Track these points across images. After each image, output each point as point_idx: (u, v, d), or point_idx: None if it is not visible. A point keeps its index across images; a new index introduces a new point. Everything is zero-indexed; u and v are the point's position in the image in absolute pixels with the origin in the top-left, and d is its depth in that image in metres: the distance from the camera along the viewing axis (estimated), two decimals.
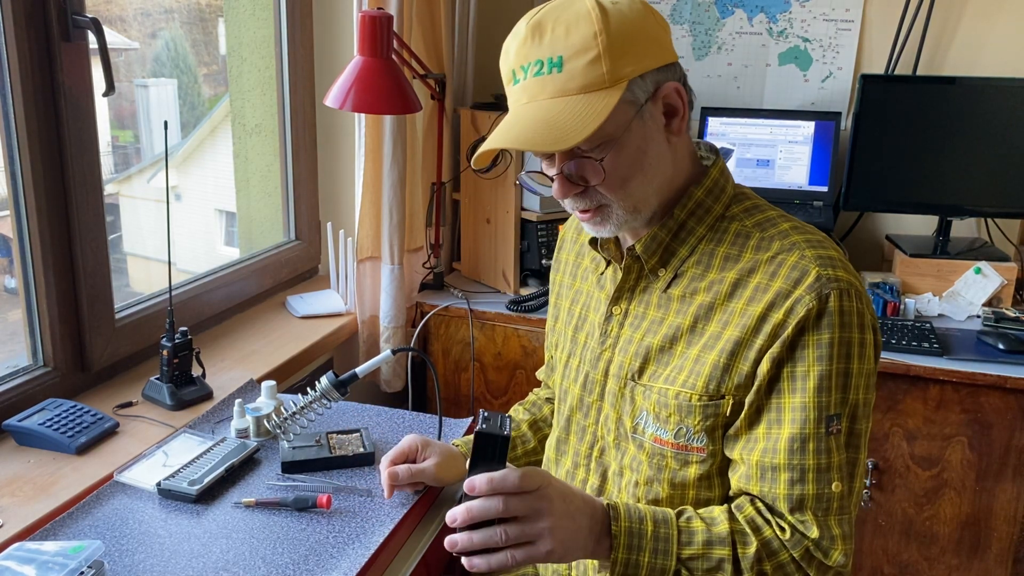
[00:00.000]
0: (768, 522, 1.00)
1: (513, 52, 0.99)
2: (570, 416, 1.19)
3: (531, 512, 0.91)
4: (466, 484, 0.92)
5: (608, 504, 0.98)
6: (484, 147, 0.99)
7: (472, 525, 0.91)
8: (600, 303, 1.16)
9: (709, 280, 1.05)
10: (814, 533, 0.98)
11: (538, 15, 0.98)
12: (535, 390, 1.47)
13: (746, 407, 1.01)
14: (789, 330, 0.97)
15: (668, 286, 1.07)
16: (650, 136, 1.01)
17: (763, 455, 1.00)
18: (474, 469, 0.92)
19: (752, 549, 0.97)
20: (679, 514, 1.00)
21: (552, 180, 1.02)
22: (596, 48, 0.95)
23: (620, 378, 1.10)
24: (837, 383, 0.97)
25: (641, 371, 1.08)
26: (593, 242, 1.15)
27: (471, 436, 1.35)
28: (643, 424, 1.08)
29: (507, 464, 0.93)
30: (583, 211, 1.04)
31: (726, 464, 1.05)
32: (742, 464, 1.02)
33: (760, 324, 0.99)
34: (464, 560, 0.94)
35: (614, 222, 1.04)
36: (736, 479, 1.04)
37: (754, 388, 1.00)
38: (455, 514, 0.92)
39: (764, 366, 0.99)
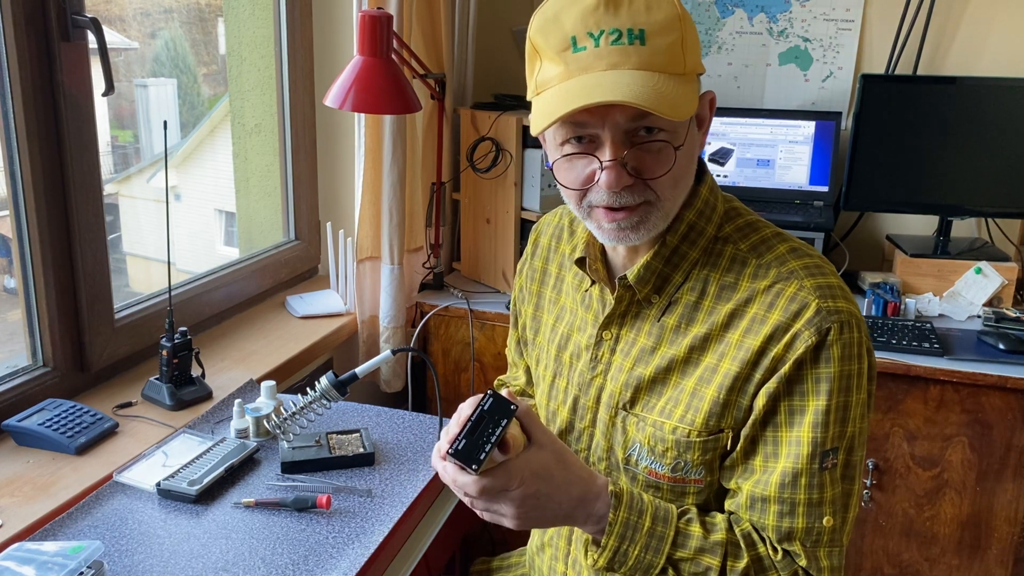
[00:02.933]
0: (763, 539, 0.99)
1: (575, 18, 0.89)
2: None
3: (495, 501, 0.92)
4: (442, 471, 0.93)
5: (612, 491, 0.96)
6: (581, 103, 0.87)
7: None
8: (586, 324, 1.11)
9: (705, 310, 1.00)
10: (802, 562, 0.97)
11: None
12: (501, 379, 1.40)
13: (742, 440, 0.99)
14: (787, 366, 0.94)
15: (662, 314, 1.03)
16: (694, 140, 0.97)
17: (755, 486, 0.98)
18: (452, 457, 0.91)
19: (742, 564, 0.96)
20: (681, 515, 0.99)
21: (602, 168, 0.92)
22: (679, 31, 0.89)
23: (611, 407, 1.06)
24: (836, 417, 0.95)
25: (633, 401, 1.04)
26: (580, 261, 1.09)
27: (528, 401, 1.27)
28: (636, 456, 1.05)
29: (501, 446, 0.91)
30: (619, 209, 0.94)
31: (723, 489, 1.04)
32: (737, 491, 1.01)
33: (759, 358, 0.96)
34: None
35: (648, 226, 0.96)
36: (729, 503, 1.02)
37: (750, 421, 0.98)
38: (436, 461, 0.94)
39: (760, 400, 0.96)
